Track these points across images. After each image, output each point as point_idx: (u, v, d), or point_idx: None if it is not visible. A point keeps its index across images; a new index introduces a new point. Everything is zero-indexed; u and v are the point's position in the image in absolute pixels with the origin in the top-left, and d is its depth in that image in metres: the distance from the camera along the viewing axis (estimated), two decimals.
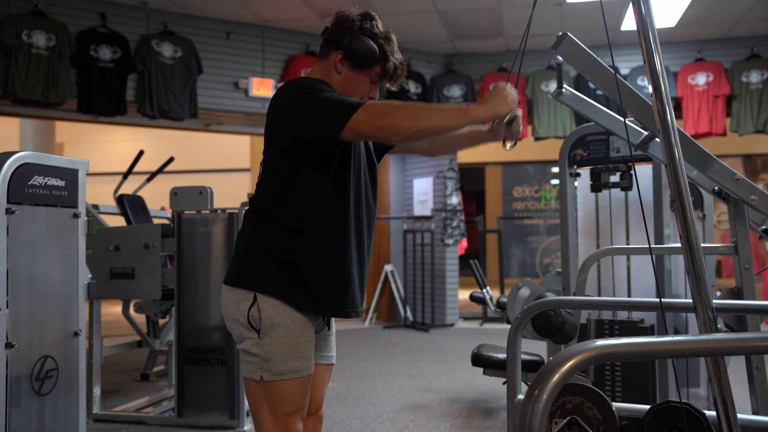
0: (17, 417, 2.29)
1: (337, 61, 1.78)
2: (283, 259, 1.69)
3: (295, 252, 1.69)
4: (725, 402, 1.31)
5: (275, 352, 1.67)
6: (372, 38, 1.78)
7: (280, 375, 1.68)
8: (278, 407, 1.70)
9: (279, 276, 1.68)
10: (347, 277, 1.74)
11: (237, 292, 1.71)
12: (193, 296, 3.59)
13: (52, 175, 2.45)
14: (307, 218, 1.70)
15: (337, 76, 1.78)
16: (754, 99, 6.88)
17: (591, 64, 1.81)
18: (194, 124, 6.93)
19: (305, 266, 1.70)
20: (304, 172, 1.70)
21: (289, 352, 1.68)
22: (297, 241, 1.70)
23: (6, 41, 5.37)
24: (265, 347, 1.67)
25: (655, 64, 1.37)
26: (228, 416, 3.49)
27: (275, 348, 1.67)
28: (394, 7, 6.11)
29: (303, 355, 1.70)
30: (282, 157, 1.71)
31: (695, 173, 2.10)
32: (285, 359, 1.68)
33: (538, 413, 0.83)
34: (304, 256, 1.70)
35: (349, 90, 1.78)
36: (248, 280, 1.69)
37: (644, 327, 3.02)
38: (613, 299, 2.77)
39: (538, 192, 11.89)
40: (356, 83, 1.79)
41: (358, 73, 1.78)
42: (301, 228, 1.70)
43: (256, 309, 1.67)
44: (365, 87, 1.81)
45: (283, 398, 1.69)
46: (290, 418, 1.71)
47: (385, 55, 1.79)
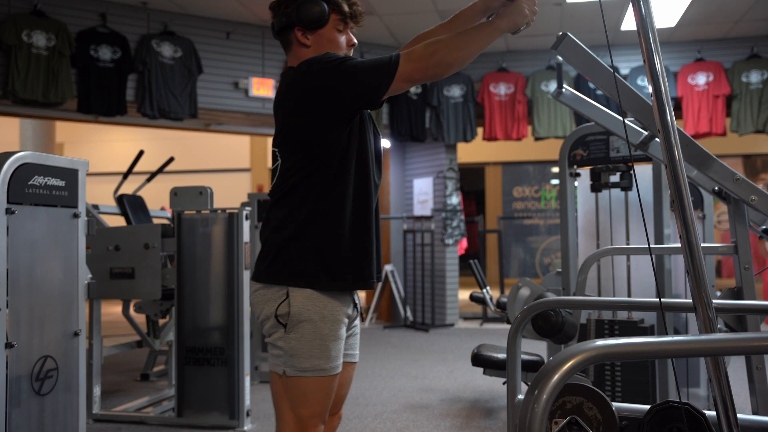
0: (17, 417, 2.29)
1: (300, 37, 1.77)
2: (315, 242, 1.68)
3: (324, 229, 1.69)
4: (725, 402, 1.31)
5: (300, 348, 1.66)
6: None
7: (302, 372, 1.66)
8: (298, 407, 1.68)
9: (311, 262, 1.67)
10: (371, 245, 1.75)
11: (268, 290, 1.70)
12: (193, 296, 3.59)
13: (52, 175, 2.45)
14: (335, 195, 1.70)
15: (309, 49, 1.78)
16: (754, 99, 6.88)
17: (591, 64, 1.81)
18: (194, 124, 6.93)
19: (335, 241, 1.69)
20: (329, 151, 1.69)
21: (314, 350, 1.66)
22: (327, 220, 1.70)
23: (6, 41, 5.37)
24: (290, 342, 1.66)
25: (655, 64, 1.37)
26: (228, 416, 3.49)
27: (300, 344, 1.66)
28: (394, 7, 6.11)
29: (328, 354, 1.67)
30: (308, 143, 1.70)
31: (695, 173, 2.10)
32: (309, 356, 1.66)
33: (538, 413, 0.83)
34: (333, 232, 1.69)
35: (342, 47, 1.81)
36: (280, 274, 1.68)
37: (644, 327, 3.02)
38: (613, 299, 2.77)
39: (538, 192, 11.88)
40: (329, 43, 1.78)
41: (324, 34, 1.78)
42: (330, 206, 1.70)
43: (286, 304, 1.67)
44: (337, 42, 1.80)
45: (304, 396, 1.67)
46: (309, 421, 1.69)
47: (332, 1, 1.78)
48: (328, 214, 1.69)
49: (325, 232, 1.68)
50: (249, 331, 3.63)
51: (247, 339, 3.55)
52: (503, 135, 7.37)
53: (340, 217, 1.69)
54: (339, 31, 1.79)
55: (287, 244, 1.68)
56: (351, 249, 1.70)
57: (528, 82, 7.37)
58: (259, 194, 4.95)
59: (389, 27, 6.57)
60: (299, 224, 1.68)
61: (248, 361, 3.56)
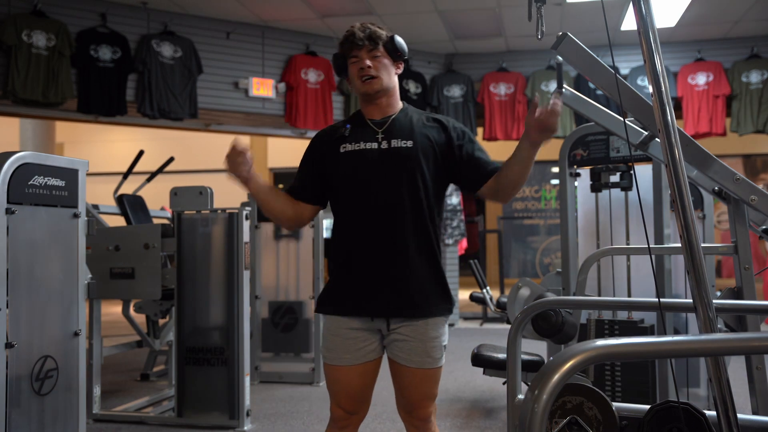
0: (17, 417, 2.29)
1: (348, 83, 2.07)
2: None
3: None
4: (725, 402, 1.31)
5: (322, 337, 2.02)
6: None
7: (322, 355, 2.02)
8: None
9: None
10: (352, 278, 1.95)
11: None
12: (193, 296, 3.59)
13: (52, 175, 2.45)
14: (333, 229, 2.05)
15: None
16: (754, 99, 6.88)
17: (591, 64, 1.81)
18: (194, 124, 6.93)
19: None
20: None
21: (322, 338, 2.01)
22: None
23: (6, 41, 5.37)
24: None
25: (655, 64, 1.37)
26: (228, 416, 3.49)
27: (322, 335, 2.02)
28: (394, 7, 6.11)
29: (325, 344, 1.98)
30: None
31: (695, 173, 2.10)
32: (321, 344, 2.02)
33: (538, 413, 0.83)
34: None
35: (355, 81, 2.00)
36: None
37: (644, 327, 3.02)
38: (613, 299, 2.77)
39: (538, 192, 11.88)
40: (351, 77, 2.01)
41: (348, 74, 2.02)
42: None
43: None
44: (355, 72, 1.98)
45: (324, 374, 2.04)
46: (331, 398, 2.00)
47: (339, 56, 2.02)
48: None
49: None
50: (249, 331, 3.63)
51: (247, 339, 3.55)
52: (503, 135, 7.37)
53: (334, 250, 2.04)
54: (353, 63, 1.98)
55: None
56: (331, 281, 2.02)
57: (528, 82, 7.37)
58: None
59: (389, 27, 6.56)
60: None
61: (248, 361, 3.56)
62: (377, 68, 1.93)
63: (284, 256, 4.91)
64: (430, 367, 1.94)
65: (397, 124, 1.96)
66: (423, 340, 1.93)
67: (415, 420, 2.01)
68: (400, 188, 1.90)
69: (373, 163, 1.91)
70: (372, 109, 1.99)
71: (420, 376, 1.95)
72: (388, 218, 1.90)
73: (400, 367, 1.96)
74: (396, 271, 1.90)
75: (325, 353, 1.98)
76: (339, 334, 1.94)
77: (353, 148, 1.94)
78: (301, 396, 4.28)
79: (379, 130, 1.95)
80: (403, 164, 1.91)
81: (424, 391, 1.97)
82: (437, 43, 7.30)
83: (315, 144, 2.04)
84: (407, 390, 1.98)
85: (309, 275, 4.79)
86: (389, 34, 1.98)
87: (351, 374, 1.95)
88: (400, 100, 2.03)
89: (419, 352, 1.93)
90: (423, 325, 1.92)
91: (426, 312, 1.92)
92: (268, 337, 4.76)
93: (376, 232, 1.91)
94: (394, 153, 1.91)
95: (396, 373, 1.99)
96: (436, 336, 1.94)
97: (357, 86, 1.97)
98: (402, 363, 1.94)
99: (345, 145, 1.95)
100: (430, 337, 1.93)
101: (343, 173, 1.94)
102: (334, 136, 1.99)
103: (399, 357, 1.94)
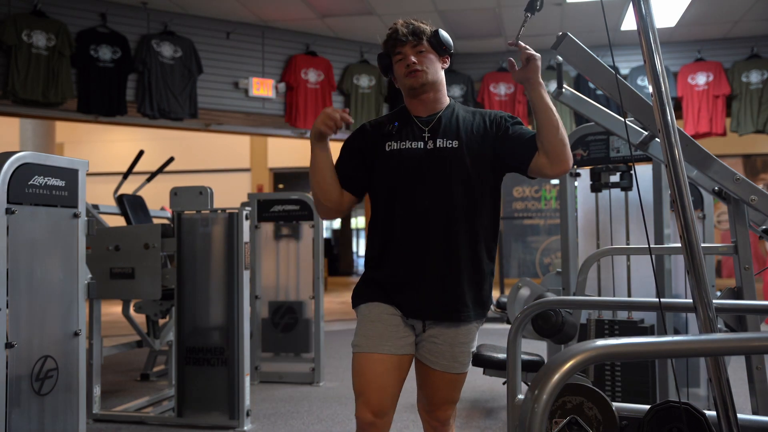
0: (17, 417, 2.29)
1: (394, 81, 2.02)
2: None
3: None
4: (725, 402, 1.31)
5: (357, 327, 1.91)
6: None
7: (353, 346, 1.89)
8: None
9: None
10: (391, 276, 1.89)
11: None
12: (193, 296, 3.59)
13: (52, 175, 2.45)
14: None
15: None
16: (754, 99, 6.88)
17: (591, 64, 1.81)
18: (194, 124, 6.93)
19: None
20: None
21: (357, 328, 1.89)
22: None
23: (6, 41, 5.37)
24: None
25: (655, 64, 1.37)
26: (228, 416, 3.49)
27: (358, 325, 1.92)
28: (394, 7, 6.11)
29: (363, 332, 1.86)
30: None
31: (695, 173, 2.10)
32: (356, 333, 1.89)
33: (538, 413, 0.83)
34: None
35: (401, 79, 1.94)
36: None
37: (644, 327, 3.02)
38: (613, 299, 2.77)
39: (538, 192, 11.88)
40: (398, 75, 1.96)
41: (394, 73, 1.97)
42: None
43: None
44: (400, 70, 1.93)
45: (352, 370, 1.88)
46: (357, 399, 1.84)
47: (384, 55, 1.98)
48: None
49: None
50: (249, 331, 3.63)
51: (247, 339, 3.55)
52: None
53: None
54: (399, 60, 1.93)
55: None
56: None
57: None
58: (258, 194, 4.95)
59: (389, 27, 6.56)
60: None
61: (248, 361, 3.56)
62: (422, 62, 1.88)
63: (284, 256, 4.91)
64: (456, 372, 1.92)
65: (443, 122, 1.89)
66: (452, 345, 1.89)
67: (434, 421, 2.00)
68: (445, 189, 1.85)
69: (418, 163, 1.85)
70: (417, 105, 1.93)
71: (445, 379, 1.92)
72: (432, 220, 1.85)
73: (426, 368, 1.93)
74: (442, 275, 1.85)
75: (361, 342, 1.85)
76: (381, 320, 1.85)
77: (399, 146, 1.87)
78: (301, 396, 4.28)
79: (425, 128, 1.89)
80: (449, 164, 1.85)
81: (447, 394, 1.95)
82: None
83: (360, 135, 1.97)
84: (430, 391, 1.96)
85: (309, 275, 4.79)
86: (433, 28, 1.94)
87: (387, 364, 1.83)
88: (446, 96, 1.97)
89: (447, 356, 1.90)
90: (455, 330, 1.89)
91: (461, 317, 1.88)
92: (268, 337, 4.76)
93: (420, 233, 1.85)
94: (440, 153, 1.85)
95: (421, 373, 1.96)
96: (465, 342, 1.91)
97: (403, 82, 1.91)
98: (428, 365, 1.91)
99: (391, 143, 1.89)
100: (459, 342, 1.90)
101: (388, 172, 1.88)
102: (380, 132, 1.92)
103: (426, 359, 1.91)
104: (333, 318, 8.80)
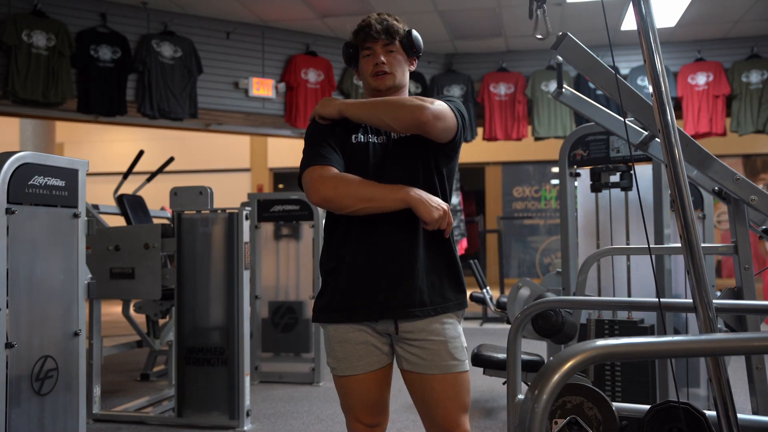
0: (17, 417, 2.29)
1: (356, 73, 1.95)
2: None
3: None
4: (725, 402, 1.31)
5: (325, 347, 1.85)
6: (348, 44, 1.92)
7: (329, 366, 1.83)
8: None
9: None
10: (348, 279, 1.78)
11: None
12: (193, 296, 3.59)
13: (52, 175, 2.45)
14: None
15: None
16: (754, 99, 6.88)
17: (591, 64, 1.81)
18: (194, 124, 6.93)
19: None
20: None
21: (326, 348, 1.83)
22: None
23: (6, 41, 5.37)
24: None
25: (655, 64, 1.37)
26: (228, 416, 3.49)
27: (325, 345, 1.85)
28: (394, 7, 6.11)
29: (332, 354, 1.80)
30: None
31: (695, 173, 2.10)
32: (327, 353, 1.83)
33: (538, 413, 0.83)
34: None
35: (366, 76, 1.89)
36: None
37: (644, 327, 3.02)
38: (613, 299, 2.77)
39: (538, 192, 11.88)
40: (362, 70, 1.89)
41: (359, 66, 1.90)
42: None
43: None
44: (367, 68, 1.86)
45: (335, 388, 1.85)
46: (347, 415, 1.83)
47: (351, 44, 1.89)
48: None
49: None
50: (249, 331, 3.63)
51: (247, 339, 3.55)
52: (503, 135, 7.37)
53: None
54: (366, 56, 1.86)
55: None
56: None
57: (528, 82, 7.37)
58: (259, 194, 4.95)
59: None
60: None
61: (248, 361, 3.56)
62: (391, 64, 1.83)
63: (284, 256, 4.91)
64: (457, 370, 1.74)
65: None
66: (444, 341, 1.74)
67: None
68: (405, 178, 1.76)
69: (380, 156, 1.80)
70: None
71: (447, 383, 1.72)
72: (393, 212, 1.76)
73: (422, 377, 1.73)
74: (400, 264, 1.73)
75: (334, 364, 1.78)
76: (347, 340, 1.76)
77: (364, 140, 1.82)
78: (301, 396, 4.28)
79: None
80: (407, 155, 1.79)
81: (456, 402, 1.74)
82: (437, 43, 7.30)
83: (325, 123, 1.87)
84: (434, 405, 1.74)
85: (309, 275, 4.79)
86: (406, 28, 1.88)
87: (367, 383, 1.76)
88: (406, 94, 1.93)
89: (443, 354, 1.73)
90: (440, 325, 1.74)
91: (439, 309, 1.75)
92: (268, 337, 4.76)
93: (381, 223, 1.74)
94: (399, 145, 1.80)
95: (418, 387, 1.75)
96: (455, 335, 1.77)
97: (368, 81, 1.86)
98: (424, 372, 1.72)
99: (357, 136, 1.82)
100: (450, 337, 1.75)
101: (351, 164, 1.78)
102: (348, 124, 1.83)
103: (419, 365, 1.73)
104: None
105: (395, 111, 1.71)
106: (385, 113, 1.72)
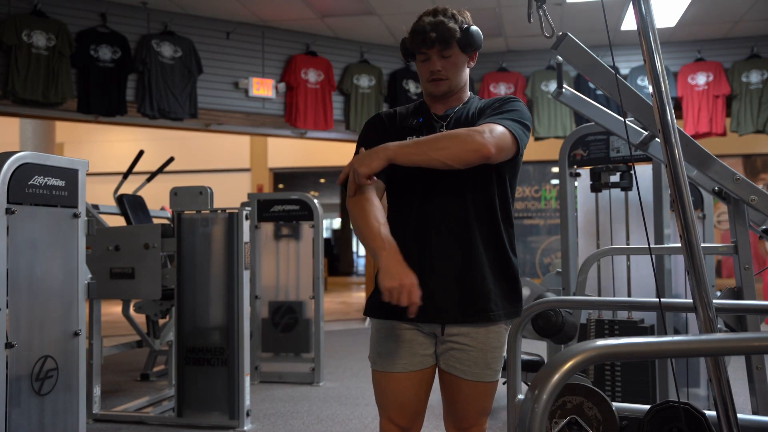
0: (17, 417, 2.29)
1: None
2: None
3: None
4: (725, 402, 1.31)
5: (370, 339, 1.85)
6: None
7: (369, 359, 1.84)
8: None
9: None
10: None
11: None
12: (193, 296, 3.59)
13: (52, 175, 2.45)
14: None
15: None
16: (754, 99, 6.88)
17: (591, 64, 1.81)
18: (194, 124, 6.93)
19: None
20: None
21: (371, 340, 1.84)
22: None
23: (6, 41, 5.37)
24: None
25: (655, 64, 1.37)
26: (228, 416, 3.49)
27: (371, 337, 1.86)
28: (394, 7, 6.10)
29: (375, 348, 1.81)
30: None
31: (695, 173, 2.10)
32: (370, 346, 1.84)
33: (538, 413, 0.83)
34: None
35: (422, 81, 1.87)
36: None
37: (644, 327, 3.02)
38: (613, 299, 2.77)
39: (538, 192, 11.89)
40: (419, 73, 1.86)
41: (417, 70, 1.87)
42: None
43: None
44: (424, 73, 1.84)
45: (372, 382, 1.84)
46: (380, 412, 1.83)
47: (407, 41, 1.84)
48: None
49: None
50: (249, 331, 3.63)
51: (247, 339, 3.55)
52: None
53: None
54: (422, 61, 1.81)
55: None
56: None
57: (528, 82, 7.37)
58: (258, 194, 4.95)
59: (389, 27, 6.56)
60: None
61: (248, 361, 3.56)
62: (447, 69, 1.78)
63: (284, 256, 4.91)
64: (489, 380, 1.76)
65: (454, 118, 1.83)
66: (484, 350, 1.73)
67: None
68: (461, 180, 1.73)
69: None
70: (435, 103, 1.87)
71: (476, 389, 1.76)
72: (450, 212, 1.75)
73: (454, 379, 1.76)
74: (454, 269, 1.72)
75: (376, 359, 1.80)
76: (392, 336, 1.76)
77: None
78: (301, 396, 4.28)
79: (443, 123, 1.83)
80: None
81: (479, 406, 1.79)
82: None
83: (381, 125, 1.87)
84: (460, 404, 1.79)
85: (309, 275, 4.79)
86: (463, 25, 1.77)
87: (405, 382, 1.76)
88: (467, 92, 1.89)
89: (480, 363, 1.73)
90: (485, 333, 1.73)
91: (489, 317, 1.72)
92: (268, 337, 4.76)
93: (438, 225, 1.74)
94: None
95: (448, 386, 1.79)
96: (497, 346, 1.76)
97: (424, 84, 1.84)
98: (458, 375, 1.75)
99: (413, 137, 1.78)
100: (492, 347, 1.74)
101: (402, 169, 1.71)
102: (403, 124, 1.83)
103: (455, 368, 1.75)
104: (333, 318, 8.81)
105: (454, 151, 1.63)
106: (442, 154, 1.63)
